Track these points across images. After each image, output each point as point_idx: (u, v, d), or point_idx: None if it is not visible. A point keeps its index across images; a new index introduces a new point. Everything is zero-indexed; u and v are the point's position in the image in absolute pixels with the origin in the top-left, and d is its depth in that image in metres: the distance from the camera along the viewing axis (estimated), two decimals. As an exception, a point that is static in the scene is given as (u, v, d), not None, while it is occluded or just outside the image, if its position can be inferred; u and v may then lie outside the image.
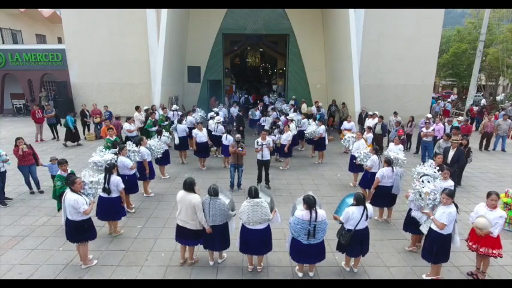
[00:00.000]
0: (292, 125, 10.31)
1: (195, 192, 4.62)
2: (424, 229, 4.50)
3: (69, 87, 18.25)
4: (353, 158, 8.17)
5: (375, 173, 7.04)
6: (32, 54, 18.11)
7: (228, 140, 9.28)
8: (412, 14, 16.42)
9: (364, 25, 15.74)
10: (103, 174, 5.40)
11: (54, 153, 10.90)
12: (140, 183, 7.27)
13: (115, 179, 5.40)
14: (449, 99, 22.25)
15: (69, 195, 4.52)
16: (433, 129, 10.47)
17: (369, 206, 4.47)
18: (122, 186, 5.49)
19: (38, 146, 11.71)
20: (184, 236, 4.70)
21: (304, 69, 18.69)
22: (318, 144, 10.41)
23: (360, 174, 7.75)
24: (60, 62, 18.07)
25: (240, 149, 7.52)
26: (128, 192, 6.59)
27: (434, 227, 4.31)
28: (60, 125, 13.27)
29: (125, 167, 6.36)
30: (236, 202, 5.05)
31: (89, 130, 13.35)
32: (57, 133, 13.01)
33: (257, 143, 7.97)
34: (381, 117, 11.59)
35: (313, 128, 10.22)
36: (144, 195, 7.54)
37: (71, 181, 4.60)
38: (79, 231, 4.67)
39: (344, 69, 15.21)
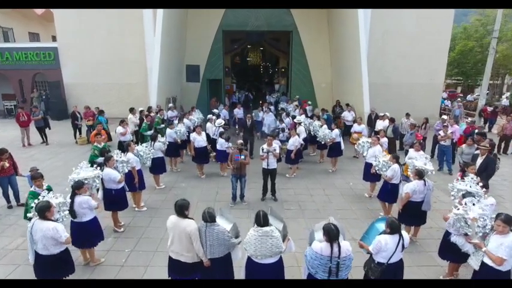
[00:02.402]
0: (301, 128, 9.43)
1: (188, 217, 3.79)
2: (474, 264, 3.61)
3: (62, 87, 17.40)
4: (368, 165, 7.34)
5: (395, 184, 6.28)
6: (23, 53, 17.18)
7: (220, 143, 8.47)
8: (419, 12, 15.52)
9: (370, 23, 14.92)
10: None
11: (42, 159, 10.14)
12: (130, 196, 6.47)
13: (78, 199, 4.46)
14: (458, 99, 21.41)
15: (42, 225, 3.66)
16: (451, 132, 9.68)
17: (405, 234, 3.61)
18: (92, 204, 4.56)
19: (25, 151, 10.95)
20: (180, 270, 3.84)
21: (308, 67, 17.82)
22: (332, 149, 9.44)
23: (377, 184, 6.93)
24: (52, 61, 17.17)
25: (242, 157, 6.71)
26: (115, 208, 5.79)
27: (488, 261, 3.48)
28: (49, 128, 12.46)
29: (111, 180, 5.50)
30: (239, 218, 4.25)
31: (80, 133, 12.52)
32: (45, 137, 12.13)
33: (262, 149, 7.13)
34: (392, 120, 10.77)
35: (325, 132, 9.36)
36: (136, 209, 6.71)
37: (45, 207, 3.71)
38: (57, 266, 3.85)
39: (351, 67, 14.37)
